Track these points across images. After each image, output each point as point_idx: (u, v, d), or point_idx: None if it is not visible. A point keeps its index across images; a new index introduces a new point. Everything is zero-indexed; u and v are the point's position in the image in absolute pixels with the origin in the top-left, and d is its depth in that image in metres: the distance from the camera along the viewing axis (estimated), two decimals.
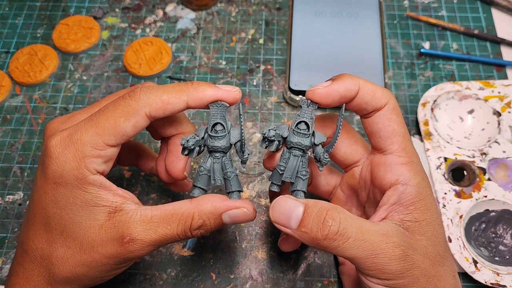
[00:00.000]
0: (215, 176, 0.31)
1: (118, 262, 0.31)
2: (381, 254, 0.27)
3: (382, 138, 0.31)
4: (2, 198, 0.45)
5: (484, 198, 0.43)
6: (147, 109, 0.30)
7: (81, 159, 0.30)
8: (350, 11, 0.54)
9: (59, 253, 0.31)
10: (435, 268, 0.29)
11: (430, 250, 0.29)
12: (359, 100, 0.31)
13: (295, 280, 0.41)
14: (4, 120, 0.50)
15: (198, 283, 0.41)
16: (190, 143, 0.30)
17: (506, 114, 0.47)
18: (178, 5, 0.57)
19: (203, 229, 0.31)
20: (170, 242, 0.31)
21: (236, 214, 0.31)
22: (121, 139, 0.30)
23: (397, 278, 0.28)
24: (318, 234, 0.27)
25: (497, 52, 0.53)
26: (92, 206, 0.30)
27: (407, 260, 0.28)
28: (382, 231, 0.28)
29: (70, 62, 0.53)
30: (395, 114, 0.31)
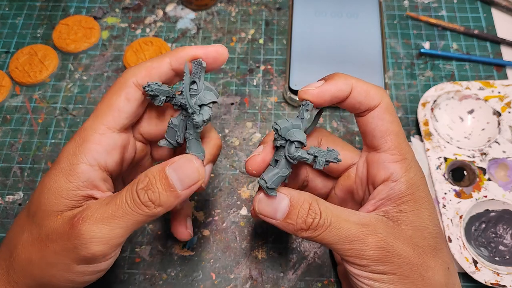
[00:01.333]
0: (177, 133, 0.31)
1: (71, 253, 0.28)
2: (356, 241, 0.28)
3: (375, 137, 0.31)
4: (2, 198, 0.45)
5: (484, 198, 0.43)
6: (134, 78, 0.30)
7: (80, 145, 0.30)
8: (350, 11, 0.54)
9: (24, 237, 0.30)
10: (422, 258, 0.29)
11: (417, 240, 0.29)
12: (352, 100, 0.31)
13: (295, 280, 0.41)
14: (4, 120, 0.50)
15: (198, 283, 0.41)
16: (150, 87, 0.29)
17: (506, 114, 0.47)
18: (178, 5, 0.57)
19: (151, 191, 0.28)
20: (126, 219, 0.28)
21: (179, 165, 0.29)
22: (119, 118, 0.30)
23: (377, 264, 0.29)
24: (303, 225, 0.29)
25: (497, 52, 0.53)
26: (63, 197, 0.30)
27: (385, 248, 0.28)
28: (360, 220, 0.29)
29: (70, 62, 0.53)
30: (388, 113, 0.31)
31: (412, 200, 0.30)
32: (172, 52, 0.31)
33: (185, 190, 0.29)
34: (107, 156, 0.31)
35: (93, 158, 0.30)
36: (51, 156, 0.47)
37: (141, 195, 0.28)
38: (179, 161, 0.30)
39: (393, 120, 0.31)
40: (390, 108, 0.31)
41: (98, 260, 0.29)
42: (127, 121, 0.31)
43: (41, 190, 0.31)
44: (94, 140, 0.30)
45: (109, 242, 0.28)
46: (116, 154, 0.31)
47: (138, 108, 0.31)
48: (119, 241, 0.29)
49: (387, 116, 0.31)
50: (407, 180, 0.30)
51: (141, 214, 0.28)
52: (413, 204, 0.30)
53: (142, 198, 0.28)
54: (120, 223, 0.28)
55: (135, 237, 0.43)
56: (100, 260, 0.29)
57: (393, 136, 0.31)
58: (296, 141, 0.30)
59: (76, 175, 0.30)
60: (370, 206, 0.31)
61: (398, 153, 0.31)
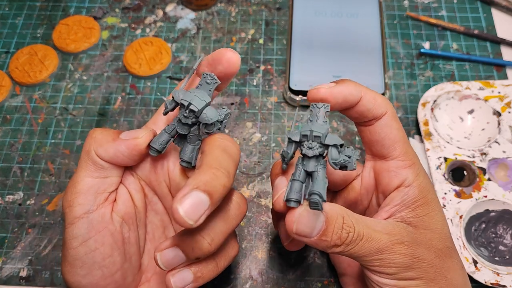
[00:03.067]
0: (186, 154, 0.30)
1: (88, 160, 0.29)
2: (386, 251, 0.28)
3: (385, 145, 0.31)
4: (2, 198, 0.45)
5: (484, 198, 0.43)
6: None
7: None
8: (350, 11, 0.54)
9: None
10: (443, 260, 0.29)
11: (435, 242, 0.30)
12: (361, 107, 0.31)
13: (295, 280, 0.41)
14: (4, 120, 0.50)
15: None
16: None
17: (506, 114, 0.47)
18: (178, 5, 0.57)
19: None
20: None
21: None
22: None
23: (405, 271, 0.28)
24: (338, 241, 0.27)
25: (497, 52, 0.53)
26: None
27: (412, 254, 0.28)
28: (385, 229, 0.28)
29: (70, 62, 0.53)
30: (395, 121, 0.31)
31: (425, 204, 0.30)
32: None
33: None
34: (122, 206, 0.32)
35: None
36: (51, 156, 0.47)
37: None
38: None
39: (399, 127, 0.32)
40: (396, 116, 0.32)
41: (103, 166, 0.30)
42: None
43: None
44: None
45: (108, 149, 0.30)
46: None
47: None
48: (117, 154, 0.30)
49: (395, 124, 0.31)
50: (419, 184, 0.31)
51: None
52: (427, 207, 0.30)
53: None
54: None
55: None
56: (104, 167, 0.30)
57: (401, 143, 0.31)
58: (338, 145, 0.27)
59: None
60: (384, 214, 0.31)
61: (407, 159, 0.31)
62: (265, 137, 0.48)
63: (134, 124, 0.49)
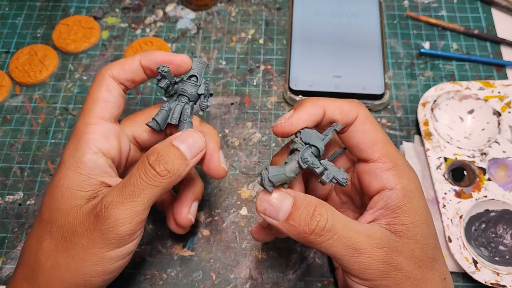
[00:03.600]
0: (173, 115, 0.34)
1: (100, 242, 0.29)
2: (364, 253, 0.27)
3: (362, 149, 0.31)
4: (2, 198, 0.45)
5: (484, 198, 0.43)
6: (109, 72, 0.34)
7: (79, 139, 0.32)
8: (350, 11, 0.54)
9: (44, 245, 0.31)
10: (422, 271, 0.29)
11: (417, 253, 0.29)
12: (327, 120, 0.31)
13: (295, 280, 0.41)
14: (4, 120, 0.50)
15: (198, 283, 0.41)
16: (165, 68, 0.33)
17: (506, 114, 0.47)
18: (178, 5, 0.57)
19: (164, 161, 0.30)
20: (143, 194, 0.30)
21: (185, 136, 0.32)
22: (106, 108, 0.33)
23: (380, 279, 0.28)
24: (306, 228, 0.28)
25: (497, 52, 0.53)
26: (77, 190, 0.31)
27: (390, 262, 0.28)
28: (367, 232, 0.28)
29: (70, 62, 0.53)
30: (368, 123, 0.31)
31: (411, 210, 0.30)
32: (143, 53, 0.35)
33: (193, 158, 0.32)
34: (106, 142, 0.32)
35: (94, 145, 0.32)
36: (51, 156, 0.47)
37: (156, 166, 0.30)
38: (183, 134, 0.33)
39: (374, 129, 0.31)
40: (369, 119, 0.31)
41: (125, 240, 0.30)
42: (113, 110, 0.34)
43: (52, 192, 0.31)
44: (90, 131, 0.32)
45: (133, 221, 0.30)
46: (114, 141, 0.33)
47: (120, 98, 0.34)
48: (142, 218, 0.30)
49: (368, 127, 0.31)
50: (402, 187, 0.30)
51: (157, 186, 0.30)
52: (413, 215, 0.30)
53: (158, 168, 0.30)
54: (139, 200, 0.30)
55: None
56: (127, 240, 0.30)
57: (380, 145, 0.31)
58: (313, 146, 0.30)
59: (84, 165, 0.31)
60: (369, 216, 0.31)
61: (389, 161, 0.31)
62: (265, 137, 0.48)
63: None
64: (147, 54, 0.34)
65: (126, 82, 0.35)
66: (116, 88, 0.34)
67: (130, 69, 0.34)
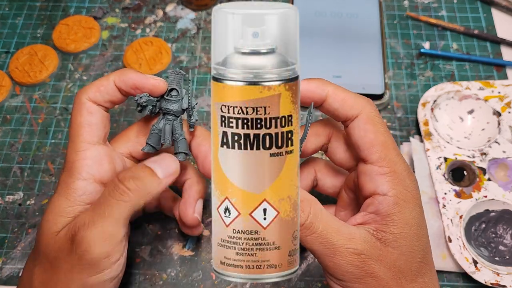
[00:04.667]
0: (165, 136, 0.34)
1: (79, 266, 0.30)
2: (338, 255, 0.28)
3: (360, 149, 0.31)
4: (2, 198, 0.45)
5: (484, 198, 0.43)
6: (86, 95, 0.33)
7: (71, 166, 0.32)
8: (350, 11, 0.54)
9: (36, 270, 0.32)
10: (400, 282, 0.29)
11: (400, 264, 0.29)
12: (327, 106, 0.31)
13: (295, 280, 0.41)
14: (4, 120, 0.50)
15: (198, 283, 0.41)
16: (142, 99, 0.33)
17: (506, 114, 0.47)
18: (178, 5, 0.57)
19: (133, 177, 0.31)
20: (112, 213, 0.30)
21: (159, 158, 0.33)
22: (92, 131, 0.33)
23: (352, 282, 0.28)
24: None
25: (497, 52, 0.53)
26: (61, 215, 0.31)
27: (364, 268, 0.28)
28: (349, 235, 0.28)
29: (70, 62, 0.53)
30: (371, 123, 0.30)
31: (401, 221, 0.29)
32: (117, 72, 0.34)
33: (166, 178, 0.32)
34: (99, 167, 0.32)
35: (86, 172, 0.32)
36: (51, 156, 0.47)
37: (125, 181, 0.31)
38: (157, 157, 0.34)
39: (377, 130, 0.30)
40: (373, 118, 0.30)
41: (105, 263, 0.30)
42: (99, 132, 0.33)
43: (42, 219, 0.32)
44: (81, 157, 0.32)
45: (106, 241, 0.30)
46: (106, 164, 0.33)
47: (103, 118, 0.34)
48: (117, 238, 0.30)
49: (370, 127, 0.30)
50: (395, 194, 0.29)
51: (125, 202, 0.30)
52: (403, 226, 0.29)
53: (127, 183, 0.30)
54: (109, 219, 0.30)
55: (135, 237, 0.43)
56: (107, 263, 0.30)
57: (379, 148, 0.30)
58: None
59: (73, 191, 0.32)
60: (359, 218, 0.31)
61: (386, 165, 0.30)
62: None
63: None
64: (120, 74, 0.33)
65: (104, 103, 0.34)
66: (97, 110, 0.33)
67: (106, 90, 0.33)
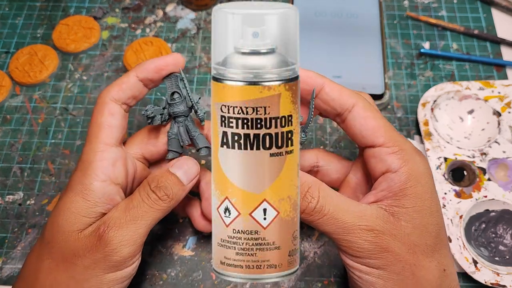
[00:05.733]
0: (182, 137, 0.35)
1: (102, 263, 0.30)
2: (351, 233, 0.29)
3: (365, 136, 0.31)
4: (2, 198, 0.45)
5: (484, 198, 0.43)
6: (109, 95, 0.34)
7: (88, 166, 0.32)
8: (350, 11, 0.54)
9: (45, 264, 0.32)
10: (417, 257, 0.29)
11: (414, 238, 0.29)
12: (325, 95, 0.31)
13: (295, 280, 0.41)
14: (4, 120, 0.50)
15: (198, 283, 0.41)
16: (148, 111, 0.34)
17: (506, 114, 0.47)
18: (178, 5, 0.57)
19: (163, 187, 0.32)
20: (146, 217, 0.31)
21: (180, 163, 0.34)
22: (111, 132, 0.33)
23: (369, 258, 0.29)
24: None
25: (497, 52, 0.53)
26: (83, 215, 0.32)
27: (378, 243, 0.29)
28: (360, 213, 0.29)
29: (70, 62, 0.53)
30: (369, 111, 0.31)
31: (414, 195, 0.30)
32: (136, 66, 0.35)
33: (189, 183, 0.34)
34: (114, 168, 0.33)
35: (103, 173, 0.32)
36: (51, 156, 0.47)
37: (157, 191, 0.32)
38: (179, 161, 0.34)
39: (376, 116, 0.31)
40: (369, 107, 0.31)
41: (127, 263, 0.31)
42: (118, 134, 0.34)
43: (57, 214, 0.32)
44: (98, 158, 0.32)
45: (135, 242, 0.31)
46: (121, 166, 0.34)
47: (122, 120, 0.34)
48: (143, 240, 0.32)
49: (369, 113, 0.31)
50: (407, 170, 0.30)
51: (158, 210, 0.32)
52: (415, 200, 0.30)
53: (159, 193, 0.32)
54: (142, 222, 0.31)
55: None
56: (128, 263, 0.31)
57: (383, 130, 0.31)
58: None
59: (92, 192, 0.32)
60: (371, 197, 0.31)
61: (393, 144, 0.31)
62: None
63: (134, 124, 0.49)
64: (140, 66, 0.34)
65: (127, 101, 0.35)
66: (118, 111, 0.34)
67: (128, 86, 0.34)
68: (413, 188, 0.30)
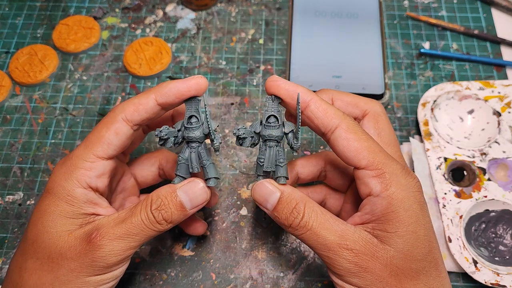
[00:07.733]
0: (192, 164, 0.34)
1: (89, 267, 0.31)
2: (332, 250, 0.30)
3: (348, 158, 0.31)
4: (2, 198, 0.45)
5: (484, 198, 0.43)
6: (123, 114, 0.33)
7: (72, 171, 0.32)
8: (350, 11, 0.54)
9: (28, 264, 0.32)
10: (399, 279, 0.29)
11: (397, 261, 0.29)
12: (309, 113, 0.32)
13: (295, 280, 0.41)
14: (4, 120, 0.50)
15: (198, 283, 0.41)
16: (162, 133, 0.33)
17: (506, 114, 0.47)
18: (178, 5, 0.57)
19: (164, 211, 0.32)
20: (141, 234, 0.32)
21: (189, 187, 0.33)
22: (109, 149, 0.33)
23: (349, 276, 0.30)
24: (285, 222, 0.31)
25: (497, 52, 0.53)
26: (69, 217, 0.32)
27: (358, 264, 0.29)
28: (342, 232, 0.30)
29: (70, 62, 0.53)
30: (352, 132, 0.31)
31: (396, 220, 0.29)
32: (156, 87, 0.33)
33: (192, 209, 0.33)
34: (97, 180, 0.33)
35: (85, 182, 0.33)
36: (51, 156, 0.47)
37: (156, 214, 0.32)
38: (188, 184, 0.33)
39: (359, 138, 0.31)
40: (353, 128, 0.31)
41: (113, 267, 0.32)
42: (114, 152, 0.34)
43: (41, 215, 0.32)
44: (85, 167, 0.33)
45: (125, 253, 0.32)
46: (105, 179, 0.34)
47: (126, 141, 0.34)
48: (133, 252, 0.33)
49: (351, 135, 0.31)
50: (388, 195, 0.30)
51: (154, 230, 0.32)
52: (397, 225, 0.29)
53: (157, 217, 0.32)
54: (136, 238, 0.32)
55: None
56: (115, 267, 0.32)
57: (366, 153, 0.31)
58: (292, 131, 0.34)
59: (75, 199, 0.32)
60: (357, 219, 0.32)
61: (376, 168, 0.30)
62: None
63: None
64: (160, 89, 0.33)
65: (140, 122, 0.34)
66: (125, 132, 0.33)
67: (145, 109, 0.33)
68: (394, 213, 0.30)
